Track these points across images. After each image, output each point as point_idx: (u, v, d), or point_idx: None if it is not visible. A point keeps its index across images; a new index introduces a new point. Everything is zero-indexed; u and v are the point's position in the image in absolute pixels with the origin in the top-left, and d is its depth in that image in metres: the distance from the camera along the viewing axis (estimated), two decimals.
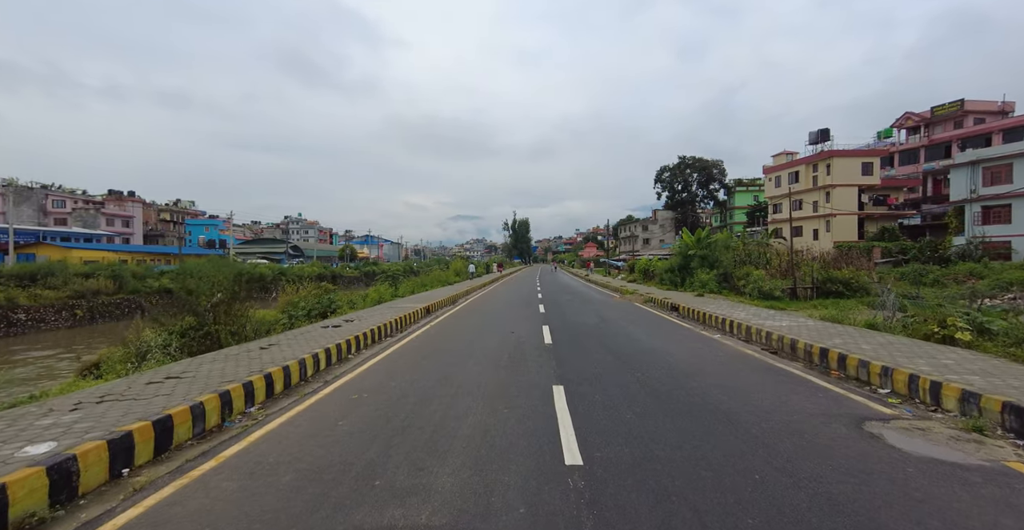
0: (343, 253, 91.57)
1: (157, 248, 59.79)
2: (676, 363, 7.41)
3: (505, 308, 15.97)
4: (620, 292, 24.19)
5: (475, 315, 13.97)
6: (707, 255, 24.66)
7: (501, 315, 13.91)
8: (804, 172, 42.05)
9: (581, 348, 8.67)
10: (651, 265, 36.12)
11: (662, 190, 79.37)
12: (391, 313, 13.22)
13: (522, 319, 12.78)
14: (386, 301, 18.80)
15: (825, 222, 40.05)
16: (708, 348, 8.77)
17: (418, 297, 19.54)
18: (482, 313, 14.64)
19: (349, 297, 18.60)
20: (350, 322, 11.41)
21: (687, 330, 11.02)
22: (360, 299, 19.32)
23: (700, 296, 17.72)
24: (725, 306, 13.94)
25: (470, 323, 12.47)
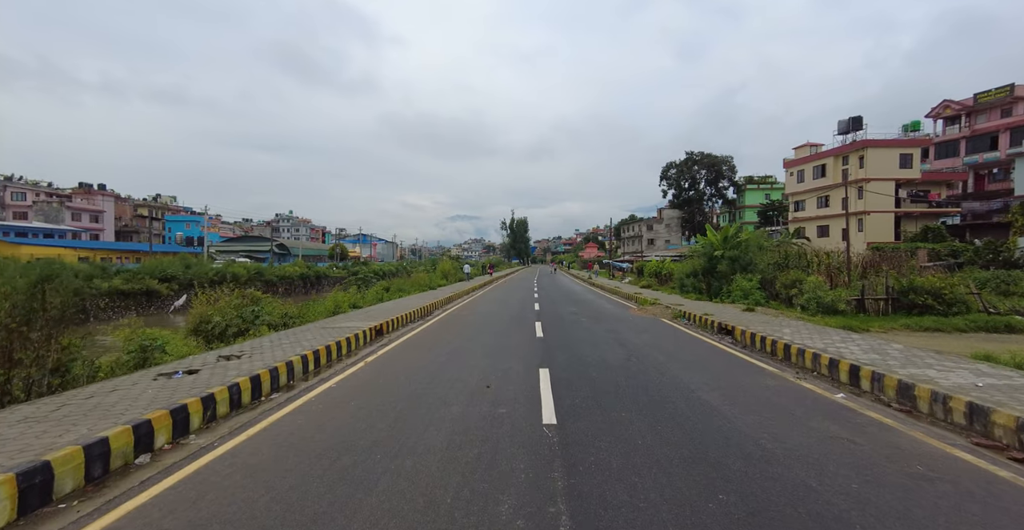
0: (333, 252, 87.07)
1: (127, 245, 55.53)
2: None
3: (488, 328, 11.87)
4: (636, 301, 19.99)
5: (441, 343, 9.60)
6: (737, 257, 20.53)
7: (479, 342, 9.61)
8: (832, 165, 37.93)
9: (616, 439, 4.34)
10: (663, 267, 32.00)
11: (668, 187, 75.32)
12: (317, 340, 9.01)
13: (508, 352, 8.57)
14: (342, 311, 14.63)
15: (857, 221, 35.90)
16: (887, 459, 4.00)
17: (381, 308, 15.34)
18: (453, 338, 10.35)
19: (284, 309, 14.35)
20: (233, 359, 7.20)
21: (780, 381, 6.65)
22: (297, 312, 15.17)
23: (750, 311, 13.52)
24: (803, 330, 9.75)
25: (424, 363, 7.85)
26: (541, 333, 10.71)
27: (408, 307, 15.10)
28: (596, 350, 8.73)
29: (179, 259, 40.08)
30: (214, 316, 11.80)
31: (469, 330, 11.42)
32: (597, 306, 17.89)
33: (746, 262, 20.49)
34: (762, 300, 15.90)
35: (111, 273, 34.25)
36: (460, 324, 12.67)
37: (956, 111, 38.64)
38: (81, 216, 57.18)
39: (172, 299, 34.91)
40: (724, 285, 20.38)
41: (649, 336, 10.48)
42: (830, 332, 9.46)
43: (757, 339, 9.12)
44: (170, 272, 36.83)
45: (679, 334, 10.96)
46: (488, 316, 14.35)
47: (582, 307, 17.30)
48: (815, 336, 8.91)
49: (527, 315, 14.51)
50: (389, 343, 9.86)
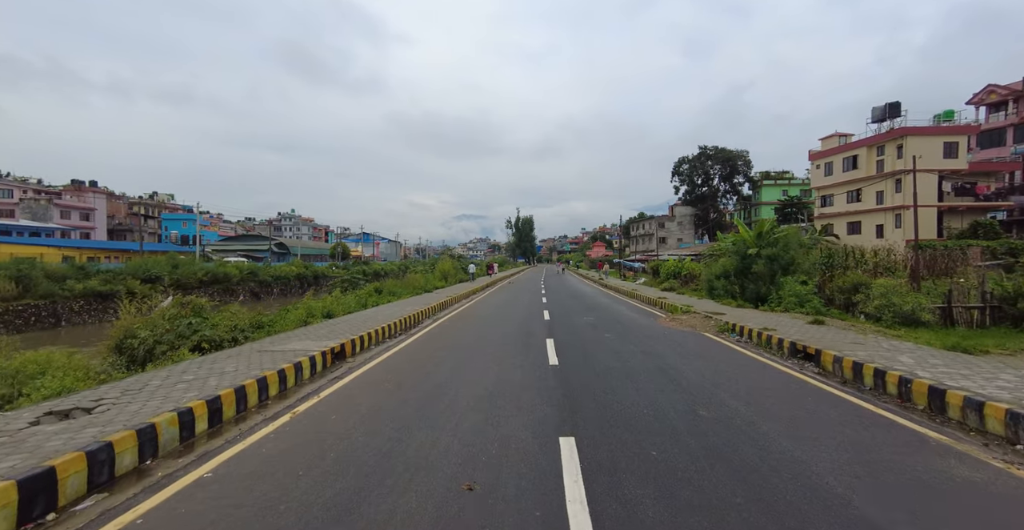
0: (334, 251, 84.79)
1: (115, 244, 53.39)
2: None
3: (484, 349, 8.97)
4: (661, 307, 17.18)
5: (416, 374, 6.76)
6: (777, 255, 17.71)
7: (470, 375, 6.66)
8: (865, 156, 34.83)
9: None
10: (681, 267, 29.14)
11: (680, 184, 72.33)
12: (238, 373, 6.35)
13: (510, 398, 5.68)
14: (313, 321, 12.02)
15: (894, 216, 32.83)
16: None
17: (357, 319, 12.68)
18: (434, 366, 7.53)
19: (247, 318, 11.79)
20: (77, 415, 4.53)
21: (985, 473, 3.76)
22: (269, 321, 12.60)
23: (818, 324, 10.63)
24: (928, 357, 6.92)
25: (378, 423, 4.83)
26: (555, 359, 7.93)
27: (390, 317, 12.42)
28: (639, 391, 5.97)
29: (167, 258, 37.71)
30: (140, 330, 9.22)
31: (458, 353, 8.65)
32: (617, 314, 15.10)
33: (786, 262, 17.66)
34: (822, 308, 13.04)
35: (89, 273, 31.86)
36: (449, 342, 9.91)
37: (1002, 97, 35.40)
38: (71, 214, 55.12)
39: (157, 301, 32.51)
40: (761, 287, 17.61)
41: (703, 363, 7.68)
42: (970, 362, 6.63)
43: (868, 373, 6.32)
44: (154, 272, 34.42)
45: (740, 359, 8.15)
46: (486, 330, 11.55)
47: (600, 315, 14.52)
48: (954, 368, 6.11)
49: (535, 327, 11.72)
50: (345, 376, 7.12)
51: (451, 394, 5.87)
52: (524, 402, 5.51)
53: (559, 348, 8.83)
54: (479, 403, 5.47)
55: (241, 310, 13.23)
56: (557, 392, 5.93)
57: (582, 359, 7.89)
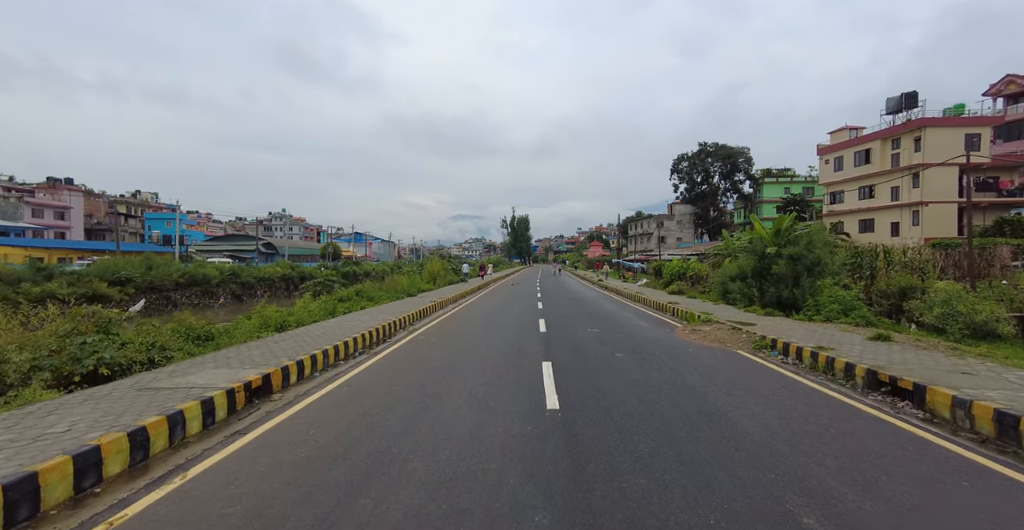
0: (324, 252, 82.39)
1: (90, 244, 50.86)
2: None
3: (456, 384, 6.38)
4: (672, 314, 15.07)
5: (354, 429, 4.40)
6: (799, 255, 15.69)
7: (421, 445, 4.06)
8: (879, 149, 32.91)
9: None
10: (686, 268, 27.10)
11: (680, 181, 70.44)
12: (85, 433, 4.11)
13: (481, 492, 3.34)
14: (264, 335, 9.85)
15: (911, 213, 30.91)
16: None
17: (315, 331, 10.49)
18: (379, 420, 5.06)
19: (153, 336, 9.52)
20: None
21: None
22: (224, 331, 10.50)
23: (882, 340, 8.47)
24: None
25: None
26: (555, 398, 5.69)
27: (354, 330, 10.23)
28: (686, 465, 3.80)
29: (143, 259, 35.26)
30: (12, 354, 7.00)
31: (424, 387, 6.34)
32: (626, 323, 12.93)
33: (811, 262, 15.63)
34: (872, 317, 10.94)
35: (52, 275, 29.36)
36: (415, 368, 7.61)
37: (1023, 87, 33.58)
38: (43, 213, 52.50)
39: (126, 305, 30.26)
40: (783, 291, 15.63)
41: (759, 404, 5.52)
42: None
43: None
44: (125, 274, 31.92)
45: (805, 395, 6.00)
46: (468, 348, 9.24)
47: (606, 325, 12.37)
48: None
49: (529, 344, 9.51)
50: (250, 429, 4.91)
51: (390, 476, 3.68)
52: (504, 497, 3.33)
53: (560, 378, 6.64)
54: (429, 505, 3.27)
55: (189, 318, 11.10)
56: (560, 471, 3.75)
57: (593, 399, 5.70)
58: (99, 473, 3.71)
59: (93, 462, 3.67)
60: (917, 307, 10.55)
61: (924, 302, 10.40)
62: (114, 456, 3.85)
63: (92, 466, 3.66)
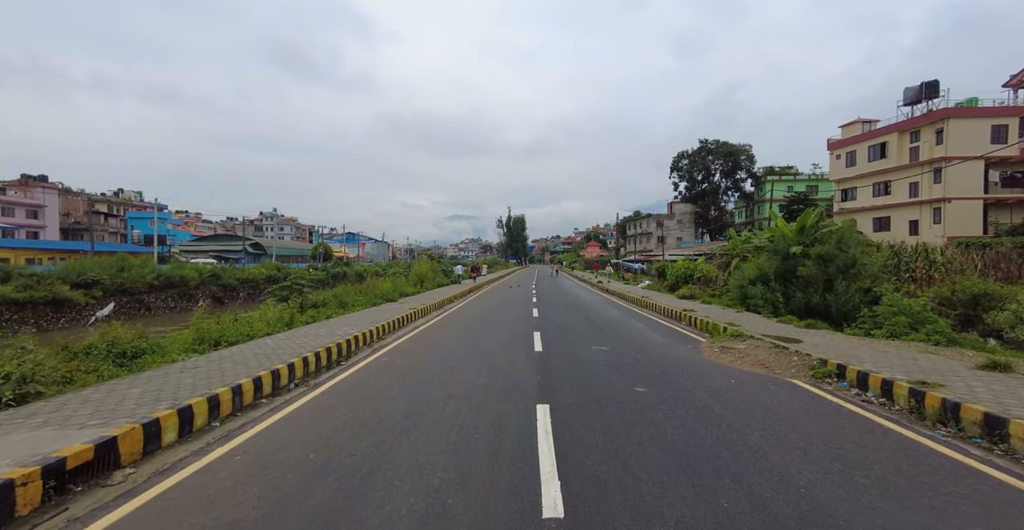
0: (315, 252, 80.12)
1: (63, 244, 48.37)
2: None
3: (407, 455, 4.08)
4: (690, 324, 12.91)
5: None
6: (830, 255, 13.71)
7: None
8: (896, 143, 30.94)
9: None
10: (694, 269, 25.03)
11: (679, 180, 68.47)
12: None
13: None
14: (193, 354, 7.67)
15: (932, 210, 28.94)
16: None
17: (248, 353, 8.28)
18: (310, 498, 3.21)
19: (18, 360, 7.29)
20: None
21: None
22: (132, 350, 8.32)
23: (1000, 370, 6.30)
24: None
25: None
26: (557, 500, 3.38)
27: (303, 349, 8.03)
28: None
29: (117, 260, 32.86)
30: None
31: (352, 469, 4.10)
32: (638, 338, 10.73)
33: (845, 263, 13.61)
34: (951, 333, 8.77)
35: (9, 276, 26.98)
36: (353, 423, 5.24)
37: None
38: (14, 211, 49.94)
39: (93, 308, 27.95)
40: (812, 296, 13.65)
41: (880, 493, 3.37)
42: None
43: None
44: (92, 275, 29.51)
45: (933, 466, 3.87)
46: (437, 381, 6.74)
47: (615, 339, 10.18)
48: None
49: (519, 372, 7.21)
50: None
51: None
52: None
53: (562, 442, 4.42)
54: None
55: (117, 330, 8.97)
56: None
57: (618, 491, 3.47)
58: None
59: None
60: (1005, 320, 8.46)
61: (1014, 313, 8.30)
62: None
63: None
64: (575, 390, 6.15)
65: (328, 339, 9.26)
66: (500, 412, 5.26)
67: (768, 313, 14.29)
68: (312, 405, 5.73)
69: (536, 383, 6.49)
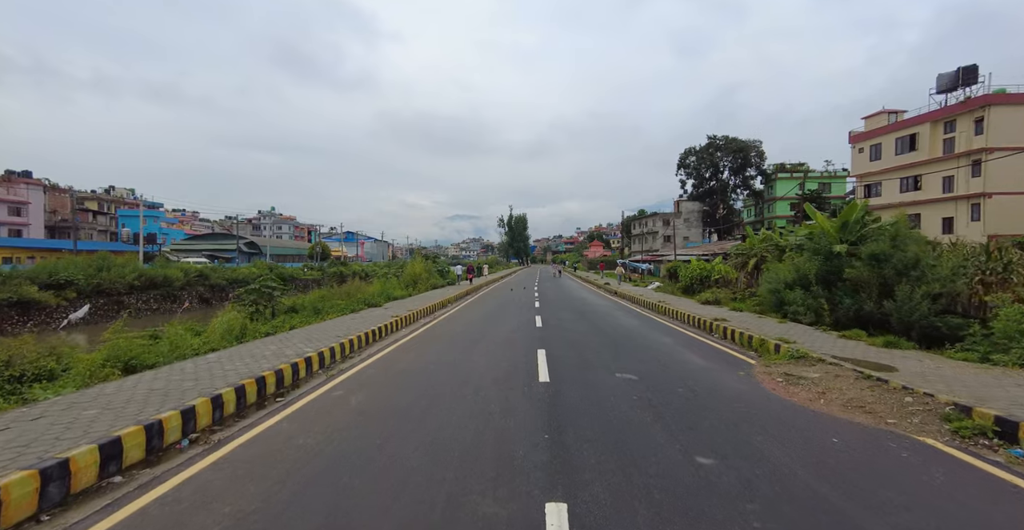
0: (312, 251, 78.12)
1: (44, 242, 46.36)
2: None
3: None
4: (725, 337, 10.62)
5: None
6: (885, 254, 11.48)
7: None
8: (928, 134, 28.60)
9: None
10: (710, 270, 22.81)
11: (687, 177, 66.12)
12: None
13: None
14: (103, 379, 5.49)
15: (969, 206, 26.61)
16: None
17: (181, 374, 6.06)
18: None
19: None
20: None
21: None
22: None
23: None
24: None
25: None
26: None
27: (230, 379, 5.84)
28: None
29: (97, 259, 30.75)
30: None
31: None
32: (671, 359, 8.41)
33: (905, 264, 11.43)
34: None
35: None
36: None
37: None
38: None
39: (66, 311, 25.88)
40: (865, 303, 11.55)
41: None
42: None
43: None
44: (65, 275, 27.40)
45: None
46: (398, 441, 4.52)
47: (642, 363, 7.89)
48: None
49: (516, 428, 4.79)
50: None
51: None
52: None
53: None
54: None
55: (26, 344, 6.89)
56: None
57: None
58: None
59: None
60: None
61: None
62: None
63: None
64: (604, 466, 3.90)
65: (273, 361, 7.08)
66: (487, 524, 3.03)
67: (810, 322, 12.09)
68: (168, 504, 3.51)
69: (544, 450, 4.24)
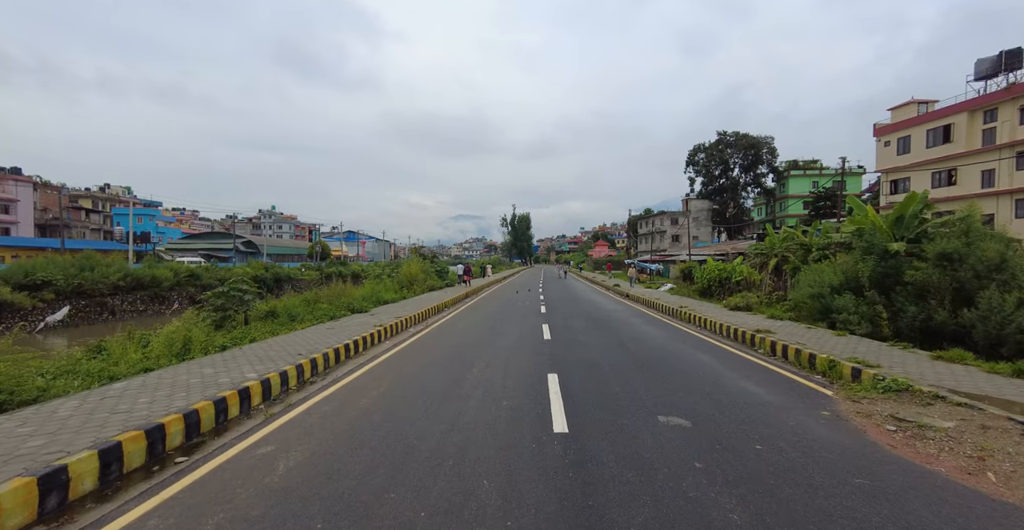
0: (312, 251, 76.54)
1: (27, 241, 44.80)
2: None
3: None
4: (767, 350, 8.60)
5: None
6: (958, 254, 9.55)
7: None
8: (965, 124, 26.50)
9: None
10: (731, 271, 20.87)
11: (695, 174, 64.05)
12: None
13: None
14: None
15: (1013, 202, 24.51)
16: None
17: (69, 411, 4.11)
18: None
19: None
20: None
21: None
22: None
23: None
24: None
25: None
26: None
27: (128, 422, 3.95)
28: None
29: (81, 258, 29.13)
30: None
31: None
32: (722, 392, 6.36)
33: (987, 265, 9.50)
34: None
35: None
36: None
37: None
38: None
39: (43, 313, 24.20)
40: (937, 313, 9.73)
41: None
42: None
43: None
44: (42, 276, 25.73)
45: None
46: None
47: (688, 399, 5.87)
48: None
49: None
50: None
51: None
52: None
53: None
54: None
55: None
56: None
57: None
58: None
59: None
60: None
61: None
62: None
63: None
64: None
65: (196, 395, 5.21)
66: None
67: (865, 333, 10.17)
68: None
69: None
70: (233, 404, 5.41)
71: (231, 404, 5.37)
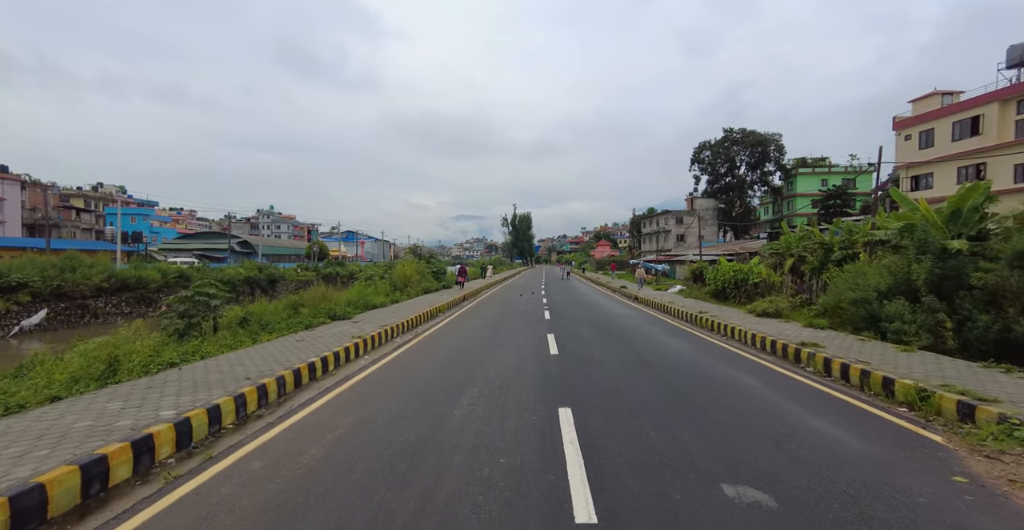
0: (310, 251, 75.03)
1: (15, 241, 43.28)
2: None
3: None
4: (820, 371, 6.96)
5: None
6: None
7: None
8: (996, 115, 24.85)
9: None
10: (748, 274, 19.30)
11: (701, 173, 62.37)
12: None
13: None
14: None
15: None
16: None
17: None
18: None
19: None
20: None
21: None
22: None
23: None
24: None
25: None
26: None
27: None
28: None
29: (63, 259, 27.60)
30: None
31: None
32: (792, 440, 4.67)
33: None
34: None
35: None
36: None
37: None
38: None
39: (18, 316, 22.70)
40: (1018, 325, 7.96)
41: None
42: None
43: None
44: (18, 277, 24.19)
45: None
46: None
47: (751, 450, 4.21)
48: None
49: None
50: None
51: None
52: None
53: None
54: None
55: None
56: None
57: None
58: None
59: None
60: None
61: None
62: None
63: None
64: None
65: (80, 448, 3.63)
66: None
67: (924, 345, 8.60)
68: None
69: None
70: (119, 464, 3.82)
71: (115, 465, 3.78)
